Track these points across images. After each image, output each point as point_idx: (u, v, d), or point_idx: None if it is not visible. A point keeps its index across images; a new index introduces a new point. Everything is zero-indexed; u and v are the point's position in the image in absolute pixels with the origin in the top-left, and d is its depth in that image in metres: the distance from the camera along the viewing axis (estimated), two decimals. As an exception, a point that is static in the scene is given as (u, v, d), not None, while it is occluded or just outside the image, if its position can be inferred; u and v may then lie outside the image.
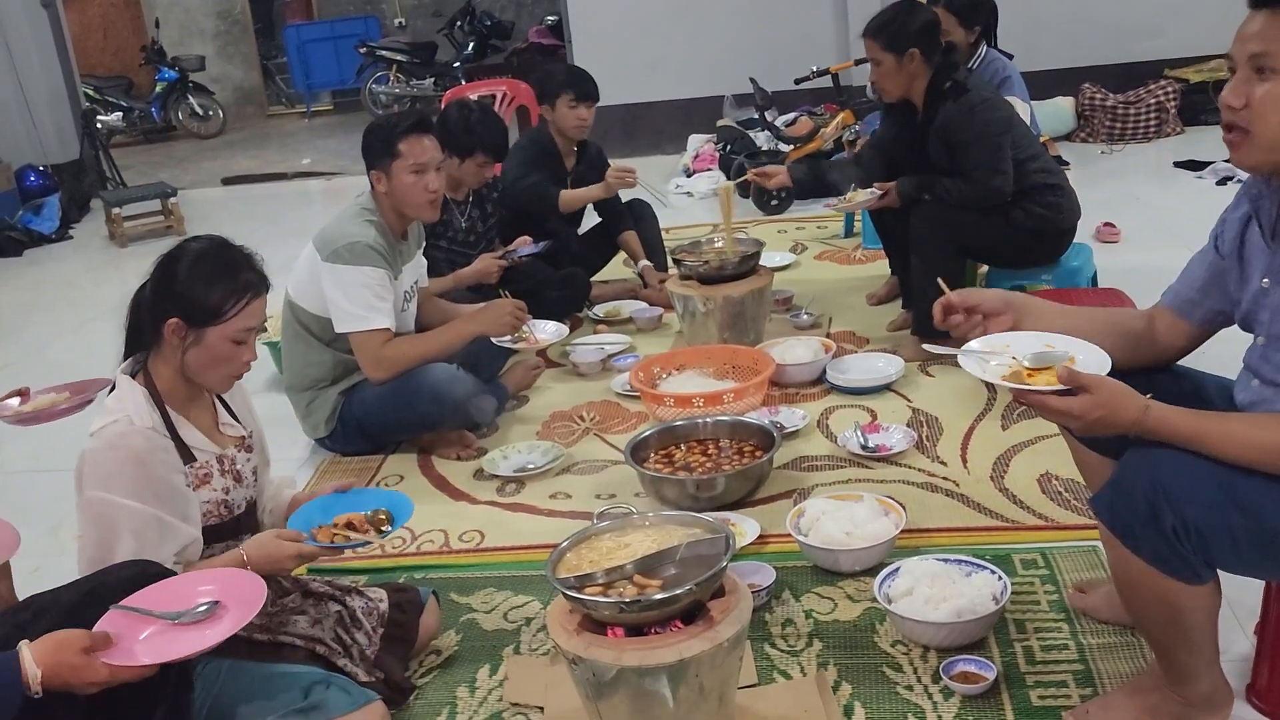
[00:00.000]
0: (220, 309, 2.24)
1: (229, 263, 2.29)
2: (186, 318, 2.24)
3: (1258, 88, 1.82)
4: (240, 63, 14.40)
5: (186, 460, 2.28)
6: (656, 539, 2.21)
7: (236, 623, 1.90)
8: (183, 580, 2.04)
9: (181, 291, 2.24)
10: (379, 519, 2.37)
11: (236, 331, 2.27)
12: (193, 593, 1.98)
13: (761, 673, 2.48)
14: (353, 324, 3.54)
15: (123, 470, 2.16)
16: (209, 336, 2.25)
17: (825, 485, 3.27)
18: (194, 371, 2.29)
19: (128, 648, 1.82)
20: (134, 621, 1.89)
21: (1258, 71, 1.82)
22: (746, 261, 4.27)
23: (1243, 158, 1.89)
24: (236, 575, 2.05)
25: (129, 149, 12.51)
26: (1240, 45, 1.84)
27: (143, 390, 2.26)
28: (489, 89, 7.64)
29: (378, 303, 3.53)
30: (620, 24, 8.59)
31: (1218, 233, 2.11)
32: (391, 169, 3.55)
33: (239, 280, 2.27)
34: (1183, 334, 2.18)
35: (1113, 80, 7.55)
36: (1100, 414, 1.86)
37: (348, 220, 3.59)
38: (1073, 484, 3.08)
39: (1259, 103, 1.82)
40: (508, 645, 2.69)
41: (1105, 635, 2.46)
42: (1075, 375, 1.87)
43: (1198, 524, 1.82)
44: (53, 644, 1.73)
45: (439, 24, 13.52)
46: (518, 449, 3.71)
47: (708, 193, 7.27)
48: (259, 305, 2.30)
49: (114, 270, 7.27)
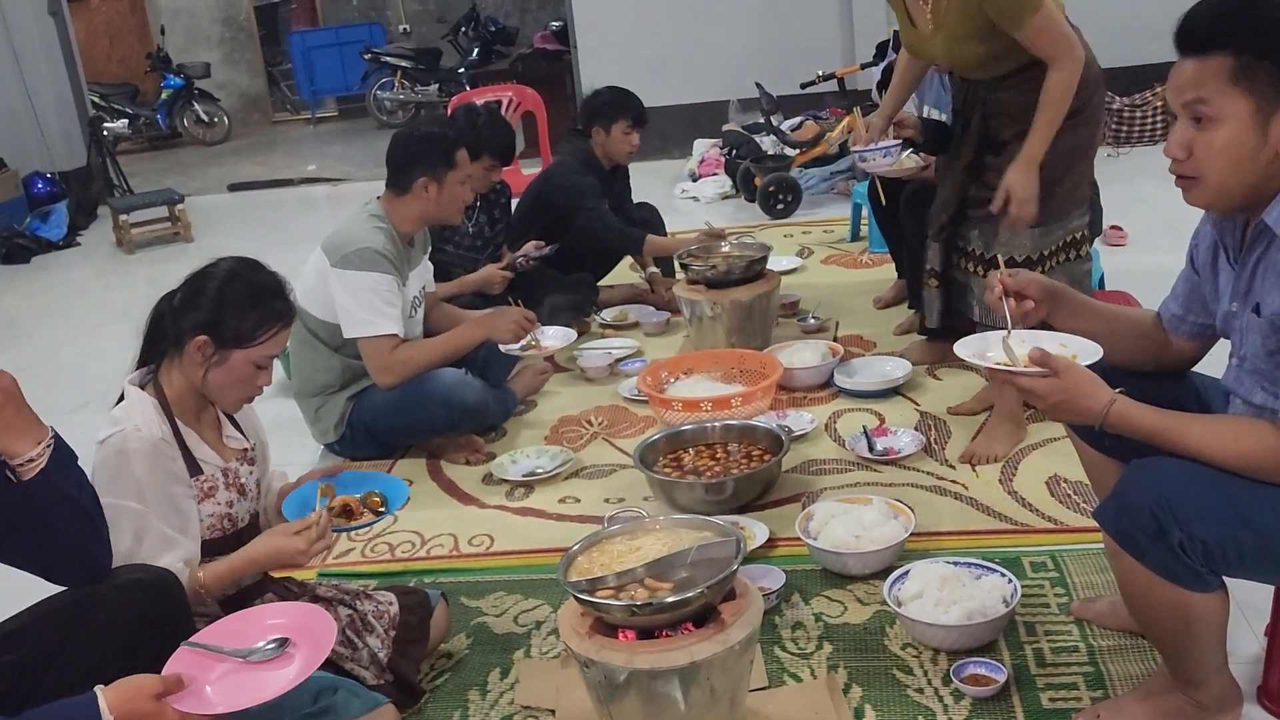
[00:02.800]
0: (251, 334, 2.27)
1: (264, 289, 2.32)
2: (216, 337, 2.26)
3: (1198, 136, 1.84)
4: (245, 69, 14.42)
5: (193, 473, 2.29)
6: (667, 542, 2.22)
7: (310, 664, 1.87)
8: (251, 613, 2.03)
9: (214, 310, 2.27)
10: (372, 500, 2.38)
11: (261, 357, 2.30)
12: (261, 626, 1.96)
13: (772, 675, 2.48)
14: (361, 329, 3.55)
15: (125, 475, 2.17)
16: (234, 358, 2.27)
17: (834, 489, 3.27)
18: (212, 390, 2.30)
19: (199, 690, 1.80)
20: (204, 659, 1.87)
21: (1195, 120, 1.84)
22: (753, 266, 4.28)
23: (1195, 199, 1.92)
24: (306, 610, 2.03)
25: (135, 156, 12.52)
26: (1175, 94, 1.87)
27: (153, 401, 2.27)
28: (495, 95, 7.65)
29: (386, 308, 3.54)
30: (625, 29, 8.59)
31: (1193, 247, 2.14)
32: (447, 179, 3.62)
33: (272, 308, 2.31)
34: (1181, 346, 2.21)
35: (1119, 83, 7.54)
36: (1062, 398, 1.92)
37: (357, 226, 3.61)
38: (1081, 486, 3.08)
39: (1201, 151, 1.85)
40: (519, 649, 2.70)
41: (1115, 638, 2.46)
42: (1046, 357, 1.93)
43: (1204, 539, 1.84)
44: (129, 690, 1.71)
45: (443, 30, 13.52)
46: (526, 453, 3.72)
47: (714, 197, 7.28)
48: (285, 335, 2.35)
49: (122, 276, 7.29)
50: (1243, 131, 1.80)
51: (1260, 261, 1.91)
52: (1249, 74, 1.78)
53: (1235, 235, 1.99)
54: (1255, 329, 1.92)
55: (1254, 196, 1.87)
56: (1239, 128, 1.80)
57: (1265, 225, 1.86)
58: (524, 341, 3.81)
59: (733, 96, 8.10)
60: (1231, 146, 1.81)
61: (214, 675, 1.85)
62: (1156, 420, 1.92)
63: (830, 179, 7.02)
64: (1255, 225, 1.90)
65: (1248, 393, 1.96)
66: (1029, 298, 2.15)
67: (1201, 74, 1.81)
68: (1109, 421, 1.93)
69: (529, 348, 3.85)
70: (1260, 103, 1.79)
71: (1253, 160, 1.82)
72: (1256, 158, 1.82)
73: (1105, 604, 2.52)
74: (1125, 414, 1.93)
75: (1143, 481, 1.90)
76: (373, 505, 2.36)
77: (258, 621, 1.98)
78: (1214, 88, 1.80)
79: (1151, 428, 1.92)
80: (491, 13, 13.60)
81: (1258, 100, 1.79)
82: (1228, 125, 1.81)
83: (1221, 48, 1.79)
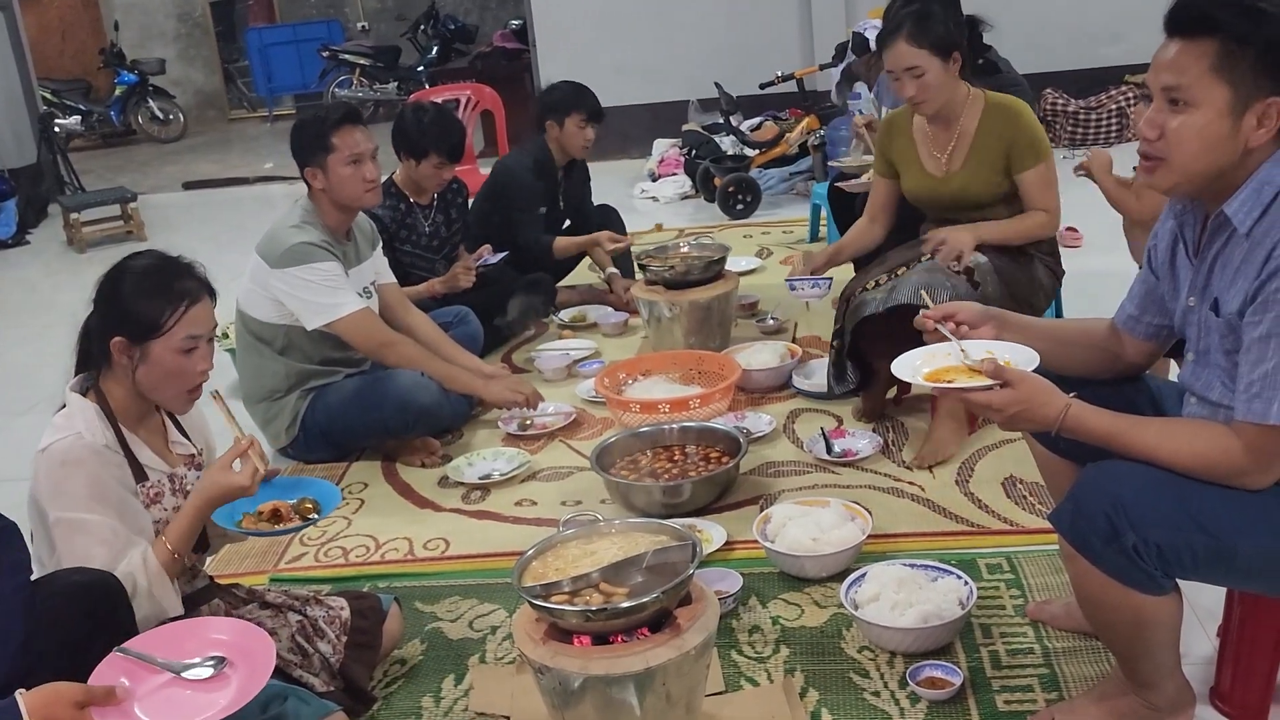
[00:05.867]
0: (159, 321, 2.20)
1: (165, 273, 2.26)
2: (129, 335, 2.21)
3: (1171, 119, 1.85)
4: (201, 66, 14.26)
5: (139, 479, 2.24)
6: (623, 546, 2.20)
7: (244, 693, 1.80)
8: (194, 624, 1.98)
9: (121, 309, 2.22)
10: (305, 507, 2.34)
11: (181, 341, 2.22)
12: (201, 639, 1.90)
13: (729, 680, 2.47)
14: (328, 315, 3.50)
15: (78, 485, 2.13)
16: (154, 350, 2.21)
17: (791, 491, 3.27)
18: (148, 389, 2.25)
19: (127, 707, 1.73)
20: (135, 669, 1.81)
21: (1171, 103, 1.85)
22: (712, 266, 4.26)
23: (1158, 181, 1.92)
24: (249, 632, 1.97)
25: (88, 153, 12.36)
26: (1154, 74, 1.87)
27: (95, 408, 2.22)
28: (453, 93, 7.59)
29: (340, 289, 3.51)
30: (584, 28, 8.57)
31: (1151, 247, 2.15)
32: (328, 163, 3.51)
33: (174, 289, 2.23)
34: (1136, 348, 2.22)
35: (1074, 86, 7.62)
36: (1020, 409, 1.94)
37: (288, 225, 3.55)
38: (1036, 487, 3.09)
39: (1173, 134, 1.85)
40: (473, 654, 2.67)
41: (1070, 640, 2.47)
42: (1000, 370, 1.94)
43: (1158, 542, 1.85)
44: (48, 695, 1.64)
45: (402, 28, 13.46)
46: (483, 456, 3.68)
47: (673, 197, 7.28)
48: (200, 311, 2.26)
49: (73, 276, 7.16)
50: (1216, 119, 1.81)
51: (1219, 255, 1.92)
52: (1231, 62, 1.78)
53: (1195, 228, 1.99)
54: (1214, 328, 1.93)
55: (1216, 186, 1.88)
56: (1213, 115, 1.81)
57: (1225, 217, 1.87)
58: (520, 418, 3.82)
59: (692, 97, 8.11)
60: (1203, 133, 1.82)
61: (144, 689, 1.78)
62: (1111, 424, 1.93)
63: (789, 179, 7.04)
64: (1215, 217, 1.91)
65: (1205, 388, 1.97)
66: (962, 322, 2.16)
67: (1185, 57, 1.82)
68: (1064, 427, 1.94)
69: (526, 425, 3.84)
70: (1237, 93, 1.80)
71: (1221, 149, 1.83)
72: (1225, 148, 1.83)
73: (1060, 606, 2.53)
74: (1080, 419, 1.94)
75: (1097, 485, 1.90)
76: (304, 511, 2.31)
77: (199, 634, 1.93)
78: (1195, 73, 1.81)
79: (1106, 431, 1.93)
80: (451, 11, 13.55)
81: (1235, 90, 1.79)
82: (1202, 111, 1.82)
83: (1210, 32, 1.79)
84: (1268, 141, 1.83)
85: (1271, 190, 1.83)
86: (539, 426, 3.85)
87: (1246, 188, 1.85)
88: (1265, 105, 1.80)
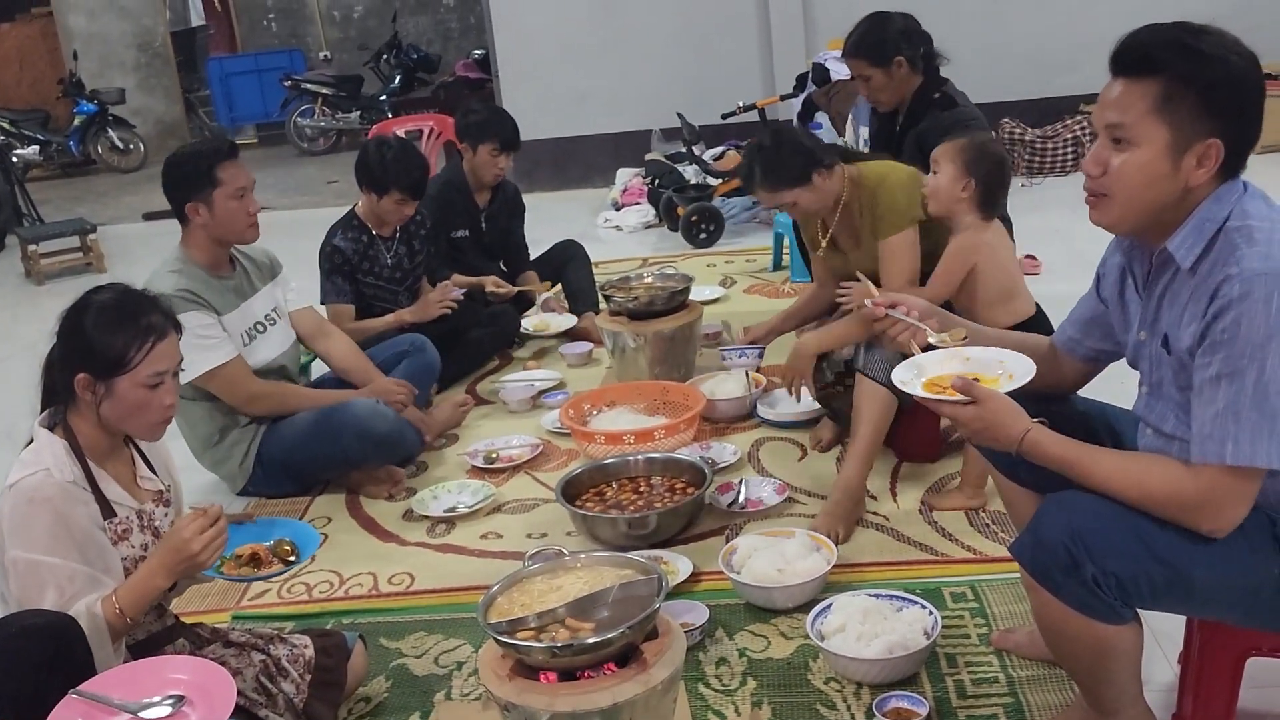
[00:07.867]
0: (124, 357, 2.19)
1: (129, 309, 2.24)
2: (93, 371, 2.19)
3: (1114, 156, 1.88)
4: (162, 95, 14.17)
5: (107, 515, 2.22)
6: (589, 581, 2.20)
7: None
8: (152, 664, 1.96)
9: (85, 345, 2.20)
10: (283, 549, 2.32)
11: (147, 377, 2.21)
12: (159, 679, 1.88)
13: (696, 713, 2.46)
14: (195, 370, 3.41)
15: (41, 524, 2.10)
16: (119, 387, 2.19)
17: (757, 521, 3.27)
18: (113, 423, 2.23)
19: None
20: (91, 711, 1.78)
21: (1114, 141, 1.89)
22: (676, 296, 4.28)
23: (1100, 217, 1.96)
24: (208, 669, 1.94)
25: (46, 183, 12.24)
26: (1099, 113, 1.91)
27: (63, 443, 2.20)
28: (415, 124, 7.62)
29: (207, 341, 3.44)
30: (548, 58, 8.60)
31: (1100, 274, 2.19)
32: (213, 198, 3.46)
33: (140, 325, 2.21)
34: (1074, 369, 2.28)
35: (1030, 115, 7.72)
36: (981, 426, 2.01)
37: (152, 280, 3.45)
38: (1000, 516, 3.11)
39: (1115, 171, 1.89)
40: (439, 691, 2.65)
41: (1034, 668, 2.49)
42: (969, 387, 2.00)
43: (1117, 573, 1.87)
44: None
45: (365, 57, 13.43)
46: (447, 488, 3.67)
47: (637, 226, 7.30)
48: (166, 347, 2.24)
49: (31, 308, 7.09)
50: (1156, 159, 1.84)
51: (1166, 291, 1.95)
52: (1172, 104, 1.81)
53: (1143, 264, 2.03)
54: (1166, 363, 1.96)
55: (1157, 223, 1.91)
56: (1153, 155, 1.84)
57: (1168, 253, 1.91)
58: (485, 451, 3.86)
59: (655, 126, 8.14)
60: (1144, 170, 1.85)
61: None
62: (1066, 452, 1.97)
63: (752, 208, 7.07)
64: (1159, 253, 1.94)
65: (1159, 420, 2.00)
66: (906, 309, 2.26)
67: (1128, 97, 1.85)
68: (1023, 449, 1.99)
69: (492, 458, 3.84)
70: (1177, 136, 1.83)
71: (1161, 187, 1.86)
72: (1165, 186, 1.86)
73: (1024, 634, 2.55)
74: (1039, 443, 1.98)
75: (1056, 517, 1.92)
76: (282, 554, 2.30)
77: (158, 673, 1.91)
78: (1137, 112, 1.84)
79: (1062, 457, 1.97)
80: (414, 40, 13.55)
81: (1176, 131, 1.83)
82: (1144, 149, 1.85)
83: (1153, 72, 1.83)
84: (1208, 180, 1.87)
85: (1213, 227, 1.86)
86: (504, 459, 3.84)
87: (1187, 225, 1.88)
88: (1205, 146, 1.83)
